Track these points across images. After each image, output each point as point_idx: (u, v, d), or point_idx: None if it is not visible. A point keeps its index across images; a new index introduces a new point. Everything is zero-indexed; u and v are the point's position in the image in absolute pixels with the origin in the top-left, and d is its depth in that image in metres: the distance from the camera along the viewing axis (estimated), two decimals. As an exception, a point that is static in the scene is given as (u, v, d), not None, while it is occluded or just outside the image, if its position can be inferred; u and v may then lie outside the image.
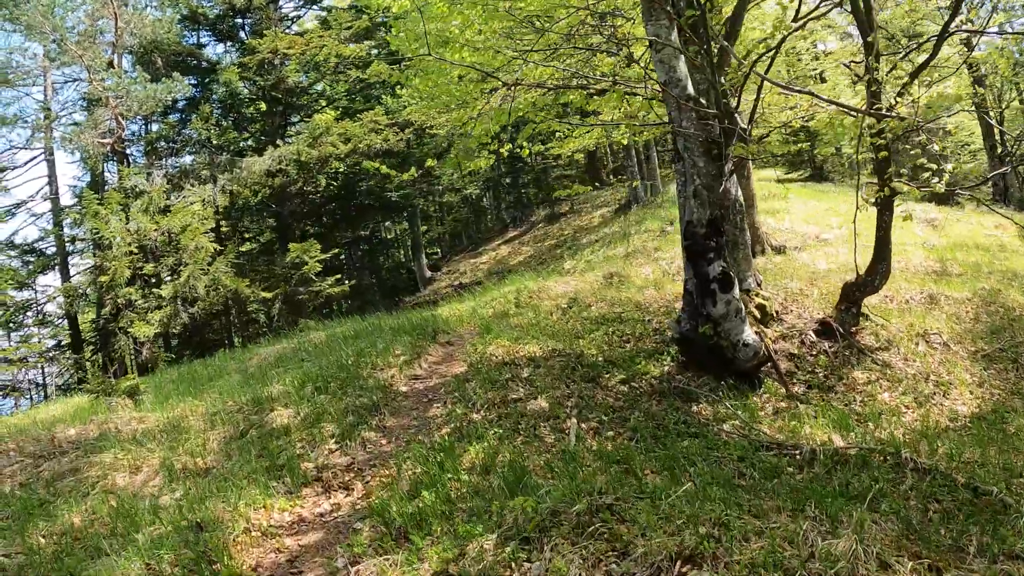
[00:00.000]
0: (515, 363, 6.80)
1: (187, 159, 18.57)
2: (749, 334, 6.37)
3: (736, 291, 6.32)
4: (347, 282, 15.95)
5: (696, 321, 6.51)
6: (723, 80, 5.74)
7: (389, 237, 36.52)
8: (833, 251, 11.40)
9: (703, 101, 6.23)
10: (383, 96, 18.51)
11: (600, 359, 7.02)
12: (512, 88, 6.55)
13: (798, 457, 4.93)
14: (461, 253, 30.66)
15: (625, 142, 18.05)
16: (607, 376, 6.63)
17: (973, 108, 13.09)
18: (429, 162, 9.39)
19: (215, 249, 14.70)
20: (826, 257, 11.17)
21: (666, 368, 6.90)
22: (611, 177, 36.46)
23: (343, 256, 31.40)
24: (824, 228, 13.10)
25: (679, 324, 6.68)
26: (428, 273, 26.17)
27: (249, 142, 18.80)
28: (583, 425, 5.50)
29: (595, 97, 7.62)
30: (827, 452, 4.91)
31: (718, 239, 6.23)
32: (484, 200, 37.55)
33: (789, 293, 8.64)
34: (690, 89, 6.22)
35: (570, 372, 6.63)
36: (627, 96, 7.27)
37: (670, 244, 15.81)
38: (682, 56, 6.10)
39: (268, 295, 14.70)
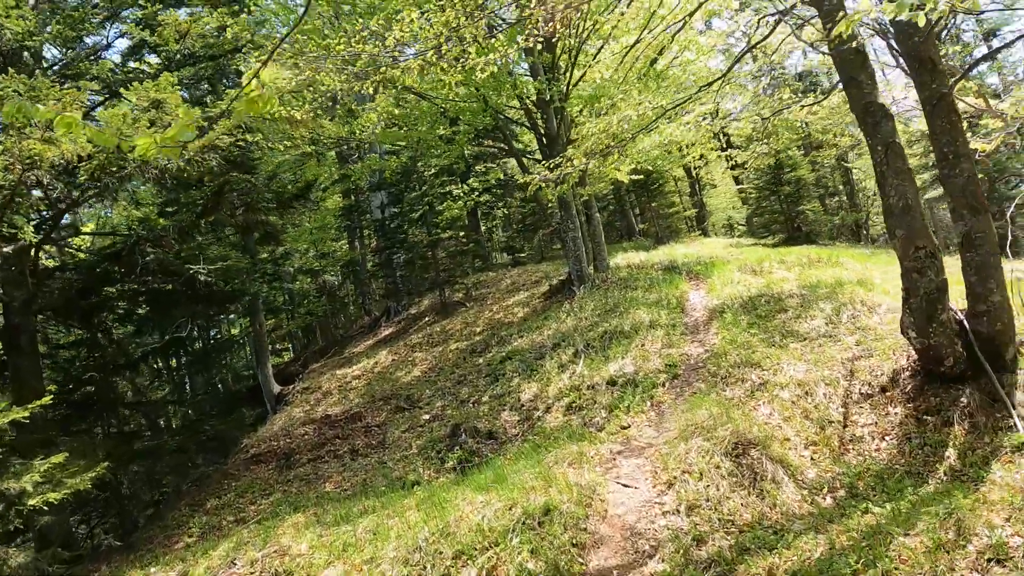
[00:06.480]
0: None
1: None
2: None
3: None
4: (142, 436, 7.03)
5: None
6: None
7: (231, 335, 26.58)
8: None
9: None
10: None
11: None
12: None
13: None
14: (322, 358, 22.13)
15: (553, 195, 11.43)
16: None
17: None
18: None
19: None
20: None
21: None
22: (502, 255, 30.04)
23: (169, 369, 21.23)
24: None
25: None
26: (277, 388, 18.05)
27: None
28: None
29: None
30: None
31: None
32: (343, 289, 29.28)
33: None
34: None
35: None
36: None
37: (741, 349, 8.58)
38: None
39: None
